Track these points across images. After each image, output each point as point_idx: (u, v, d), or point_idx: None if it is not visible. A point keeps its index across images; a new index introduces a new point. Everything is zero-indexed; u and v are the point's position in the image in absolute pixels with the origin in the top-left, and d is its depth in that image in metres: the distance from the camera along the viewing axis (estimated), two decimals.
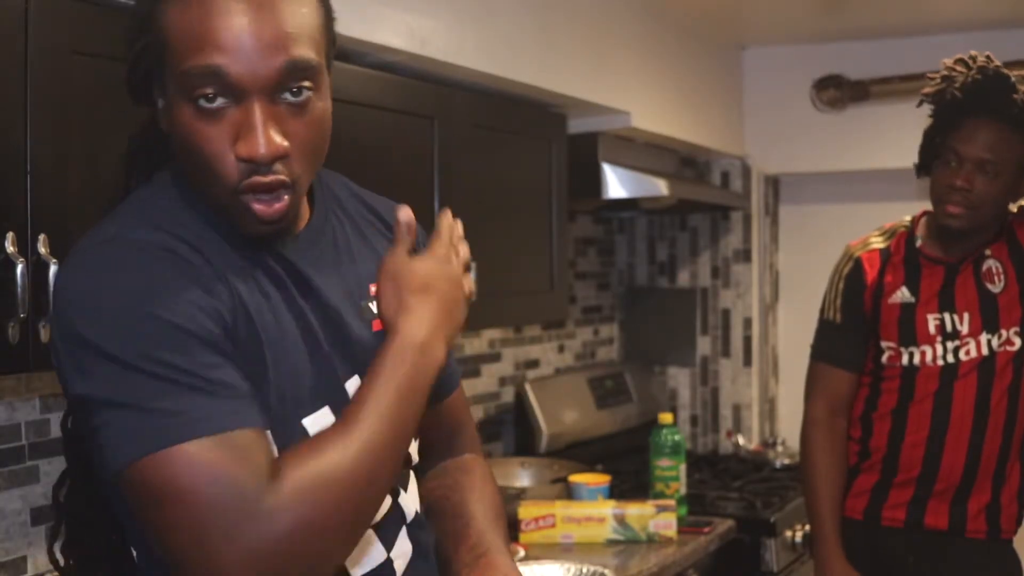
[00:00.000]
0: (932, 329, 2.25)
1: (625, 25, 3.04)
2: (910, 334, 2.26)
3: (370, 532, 1.19)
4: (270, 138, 1.06)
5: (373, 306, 1.24)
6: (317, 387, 1.16)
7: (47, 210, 1.44)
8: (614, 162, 3.04)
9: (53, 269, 1.41)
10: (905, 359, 2.27)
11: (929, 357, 2.25)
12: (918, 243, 2.31)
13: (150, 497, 1.00)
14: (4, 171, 1.41)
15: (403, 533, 1.24)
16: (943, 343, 2.24)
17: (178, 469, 0.98)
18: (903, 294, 2.28)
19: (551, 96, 2.72)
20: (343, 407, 1.14)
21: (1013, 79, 2.15)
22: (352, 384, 1.19)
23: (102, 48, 1.52)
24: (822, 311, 2.41)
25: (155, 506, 1.00)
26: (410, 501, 1.27)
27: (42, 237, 1.43)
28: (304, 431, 1.14)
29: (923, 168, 2.28)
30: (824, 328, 2.40)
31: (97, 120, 1.51)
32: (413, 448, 1.31)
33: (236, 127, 1.06)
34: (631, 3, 3.05)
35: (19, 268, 1.39)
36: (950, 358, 2.24)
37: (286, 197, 1.10)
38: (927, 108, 2.25)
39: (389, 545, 1.21)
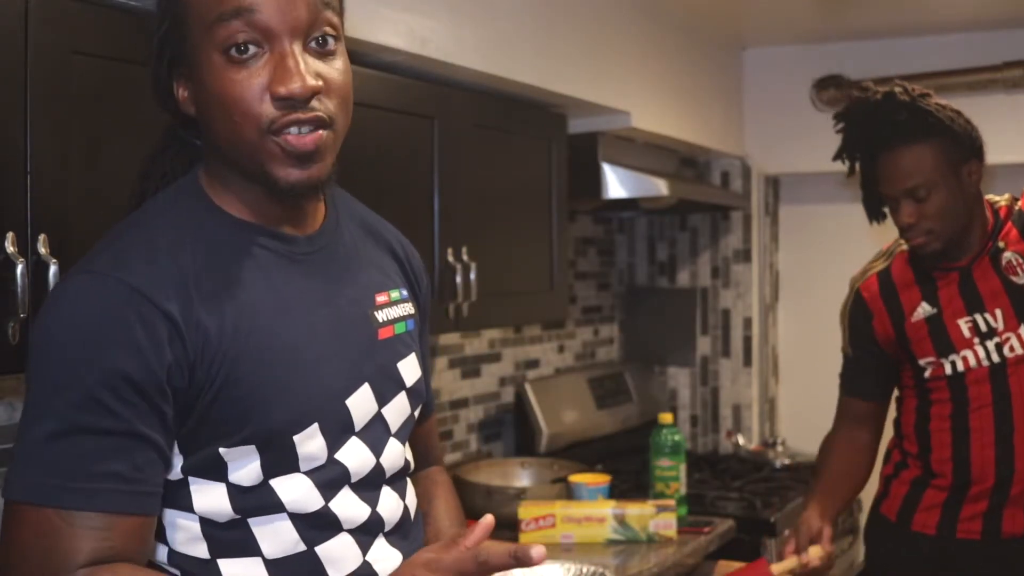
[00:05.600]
0: (967, 332, 2.18)
1: (625, 25, 3.04)
2: (945, 343, 2.20)
3: (347, 536, 1.20)
4: (305, 75, 1.10)
5: (379, 315, 1.26)
6: (312, 402, 1.16)
7: (47, 210, 1.44)
8: (614, 162, 3.04)
9: (53, 269, 1.41)
10: (948, 368, 2.20)
11: (972, 361, 2.18)
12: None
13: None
14: (4, 171, 1.41)
15: (380, 540, 1.24)
16: (982, 344, 2.17)
17: (20, 524, 1.06)
18: (924, 309, 2.22)
19: (551, 96, 2.72)
20: (340, 422, 1.18)
21: (898, 92, 2.15)
22: (359, 395, 1.21)
23: (102, 48, 1.53)
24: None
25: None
26: (394, 510, 1.27)
27: (42, 237, 1.43)
28: (292, 446, 1.15)
29: (874, 218, 2.28)
30: (844, 361, 2.40)
31: (97, 120, 1.51)
32: (409, 454, 1.33)
33: (270, 71, 1.10)
34: (631, 3, 3.05)
35: (19, 268, 1.39)
36: (995, 357, 2.16)
37: (322, 132, 1.12)
38: None
39: (365, 549, 1.22)
